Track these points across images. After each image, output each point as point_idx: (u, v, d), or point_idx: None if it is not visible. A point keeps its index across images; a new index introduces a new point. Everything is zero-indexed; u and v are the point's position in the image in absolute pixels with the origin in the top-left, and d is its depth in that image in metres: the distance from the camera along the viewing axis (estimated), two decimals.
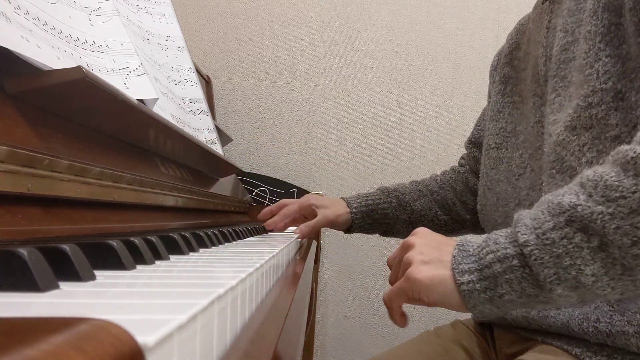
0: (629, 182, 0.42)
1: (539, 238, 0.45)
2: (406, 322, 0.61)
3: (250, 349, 0.25)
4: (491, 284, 0.47)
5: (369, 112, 1.67)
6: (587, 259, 0.43)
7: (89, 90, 0.44)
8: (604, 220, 0.42)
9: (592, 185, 0.44)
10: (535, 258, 0.44)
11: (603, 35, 0.59)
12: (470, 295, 0.48)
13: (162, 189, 0.63)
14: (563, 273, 0.44)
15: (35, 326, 0.15)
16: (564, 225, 0.44)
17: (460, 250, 0.51)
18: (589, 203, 0.43)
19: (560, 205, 0.45)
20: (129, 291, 0.26)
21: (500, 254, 0.47)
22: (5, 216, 0.35)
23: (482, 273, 0.48)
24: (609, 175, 0.43)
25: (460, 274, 0.49)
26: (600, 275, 0.43)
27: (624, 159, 0.43)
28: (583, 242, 0.43)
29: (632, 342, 0.55)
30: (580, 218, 0.43)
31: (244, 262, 0.39)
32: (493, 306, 0.48)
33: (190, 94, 0.97)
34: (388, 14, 1.68)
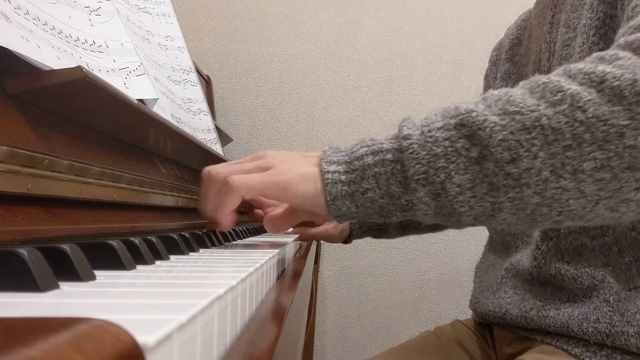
0: (531, 102, 0.40)
1: (423, 134, 0.43)
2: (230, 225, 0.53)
3: (250, 349, 0.25)
4: (357, 177, 0.44)
5: (369, 112, 1.67)
6: (461, 167, 0.41)
7: (89, 90, 0.44)
8: (492, 130, 0.40)
9: (494, 99, 0.42)
10: (412, 152, 0.42)
11: (597, 29, 0.58)
12: (333, 185, 0.45)
13: (162, 189, 0.63)
14: (432, 173, 0.42)
15: (35, 326, 0.15)
16: (452, 127, 0.42)
17: (331, 148, 0.49)
18: (485, 111, 0.41)
19: (456, 109, 0.43)
20: (129, 291, 0.26)
21: (375, 147, 0.45)
22: (5, 216, 0.35)
23: (351, 165, 0.45)
24: (514, 92, 0.42)
25: (327, 163, 0.46)
26: (465, 189, 0.41)
27: (534, 83, 0.42)
28: (463, 150, 0.41)
29: (631, 343, 0.55)
30: (471, 124, 0.41)
31: (244, 262, 0.39)
32: (352, 203, 0.45)
33: (190, 94, 0.97)
34: (388, 14, 1.68)
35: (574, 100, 0.39)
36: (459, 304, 1.66)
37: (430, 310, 1.67)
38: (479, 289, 0.76)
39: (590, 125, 0.39)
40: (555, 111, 0.39)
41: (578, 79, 0.40)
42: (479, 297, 0.75)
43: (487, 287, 0.74)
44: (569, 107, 0.39)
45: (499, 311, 0.68)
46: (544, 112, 0.40)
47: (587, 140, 0.39)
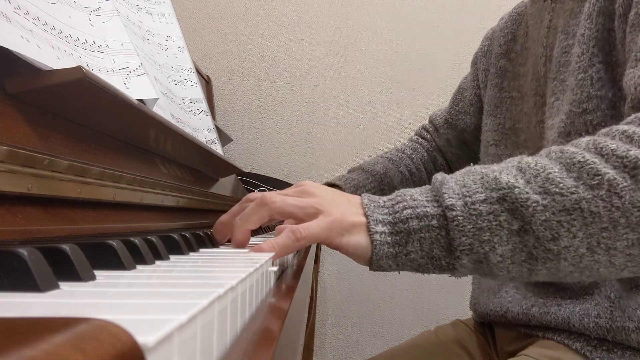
0: (570, 182, 0.42)
1: (466, 206, 0.44)
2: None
3: (250, 348, 0.25)
4: (402, 239, 0.46)
5: (369, 112, 1.67)
6: (503, 239, 0.43)
7: (89, 90, 0.44)
8: (535, 210, 0.42)
9: (532, 174, 0.44)
10: (457, 224, 0.44)
11: (597, 40, 0.58)
12: (380, 247, 0.46)
13: (162, 189, 0.63)
14: (477, 245, 0.44)
15: (35, 326, 0.15)
16: (495, 201, 0.44)
17: (370, 200, 0.49)
18: (526, 189, 0.43)
19: (496, 181, 0.44)
20: (129, 291, 0.26)
21: (419, 211, 0.46)
22: (5, 216, 0.35)
23: (396, 227, 0.46)
24: (552, 169, 0.44)
25: (374, 223, 0.46)
26: (506, 257, 0.44)
27: (570, 160, 0.44)
28: (506, 223, 0.43)
29: (632, 338, 0.55)
30: (514, 200, 0.43)
31: (244, 262, 0.39)
32: (394, 263, 0.47)
33: (190, 94, 0.97)
34: (388, 14, 1.68)
35: (610, 186, 0.41)
36: (459, 304, 1.66)
37: (430, 310, 1.67)
38: (479, 290, 0.76)
39: (626, 211, 0.41)
40: (594, 195, 0.42)
41: (611, 162, 0.42)
42: (479, 297, 0.75)
43: (487, 288, 0.74)
44: (607, 192, 0.41)
45: (500, 310, 0.68)
46: (583, 195, 0.42)
47: (622, 224, 0.42)
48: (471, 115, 0.92)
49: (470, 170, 0.47)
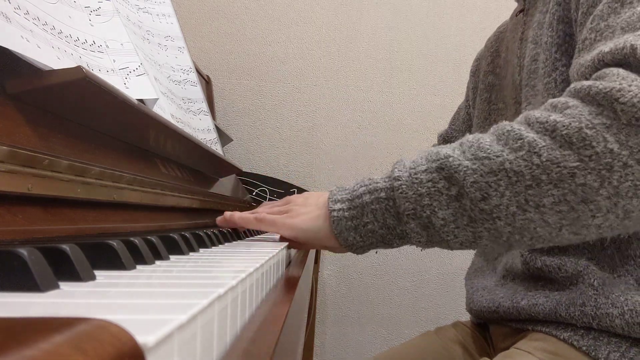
0: (497, 148, 0.48)
1: (410, 176, 0.51)
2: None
3: (250, 348, 0.25)
4: (358, 212, 0.53)
5: (369, 112, 1.67)
6: (443, 204, 0.49)
7: (89, 90, 0.44)
8: (466, 174, 0.48)
9: (468, 145, 0.50)
10: (402, 192, 0.50)
11: (559, 46, 0.63)
12: (338, 222, 0.54)
13: (162, 189, 0.63)
14: (419, 210, 0.50)
15: (35, 326, 0.15)
16: (434, 170, 0.50)
17: (338, 187, 0.58)
18: (460, 157, 0.49)
19: (437, 154, 0.50)
20: (129, 291, 0.26)
21: (371, 187, 0.53)
22: (5, 216, 0.35)
23: (352, 203, 0.54)
24: (484, 139, 0.49)
25: (333, 202, 0.55)
26: (449, 221, 0.49)
27: (501, 131, 0.49)
28: (444, 189, 0.49)
29: (616, 324, 0.56)
30: (449, 167, 0.49)
31: (244, 262, 0.39)
32: (357, 234, 0.54)
33: (190, 94, 0.97)
34: (388, 14, 1.68)
35: (531, 146, 0.46)
36: (459, 304, 1.66)
37: (430, 310, 1.67)
38: (472, 290, 0.78)
39: (546, 168, 0.45)
40: (516, 156, 0.47)
41: (535, 128, 0.47)
42: (473, 296, 0.76)
43: (480, 287, 0.75)
44: (527, 152, 0.46)
45: (492, 305, 0.70)
46: (507, 157, 0.47)
47: (544, 180, 0.46)
48: (463, 133, 0.99)
49: (423, 150, 0.53)
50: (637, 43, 0.46)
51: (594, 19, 0.53)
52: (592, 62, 0.50)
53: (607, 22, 0.52)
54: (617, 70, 0.46)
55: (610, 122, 0.44)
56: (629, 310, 0.56)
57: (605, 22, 0.52)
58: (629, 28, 0.49)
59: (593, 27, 0.53)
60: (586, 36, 0.54)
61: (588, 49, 0.53)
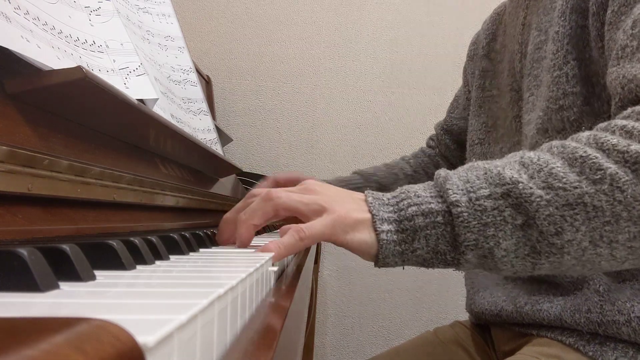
0: (573, 177, 0.43)
1: (471, 202, 0.44)
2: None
3: (251, 348, 0.25)
4: (409, 237, 0.46)
5: (369, 112, 1.67)
6: (507, 234, 0.44)
7: (89, 90, 0.44)
8: (539, 205, 0.43)
9: (535, 169, 0.44)
10: (463, 220, 0.44)
11: (570, 38, 0.60)
12: (387, 246, 0.46)
13: (163, 189, 0.63)
14: (482, 241, 0.44)
15: (35, 326, 0.15)
16: (499, 196, 0.44)
17: (375, 198, 0.48)
18: (530, 184, 0.43)
19: (500, 177, 0.44)
20: (129, 291, 0.26)
21: (424, 208, 0.46)
22: (5, 216, 0.35)
23: (401, 225, 0.46)
24: (554, 164, 0.44)
25: (380, 221, 0.46)
26: (510, 252, 0.44)
27: (572, 155, 0.44)
28: (510, 218, 0.44)
29: (623, 331, 0.55)
30: (518, 195, 0.43)
31: (244, 262, 0.39)
32: (400, 259, 0.47)
33: (190, 94, 0.97)
34: (388, 14, 1.68)
35: (613, 180, 0.42)
36: (460, 304, 1.66)
37: (431, 310, 1.67)
38: (473, 291, 0.77)
39: (628, 205, 0.42)
40: (597, 189, 0.42)
41: (613, 157, 0.43)
42: (474, 297, 0.75)
43: (482, 287, 0.74)
44: (609, 186, 0.42)
45: (494, 309, 0.69)
46: (586, 189, 0.42)
47: (624, 218, 0.42)
48: (465, 120, 0.95)
49: (473, 166, 0.47)
50: None
51: (636, 24, 0.49)
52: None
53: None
54: None
55: None
56: (635, 317, 0.55)
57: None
58: None
59: (635, 33, 0.49)
60: (627, 43, 0.50)
61: (630, 59, 0.49)
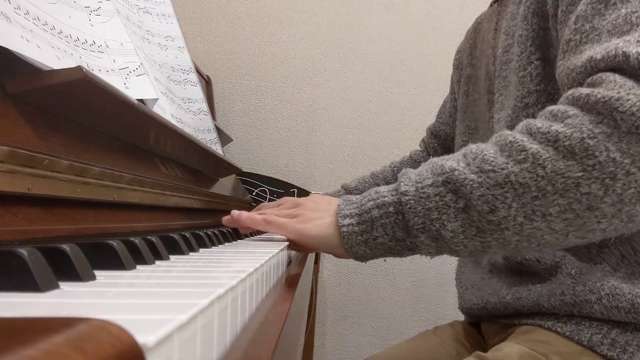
0: (501, 160, 0.48)
1: (417, 191, 0.51)
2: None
3: (250, 349, 0.25)
4: (368, 227, 0.54)
5: (369, 112, 1.67)
6: (451, 216, 0.49)
7: (89, 90, 0.44)
8: (472, 187, 0.48)
9: (472, 157, 0.50)
10: (410, 207, 0.51)
11: (533, 39, 0.64)
12: (348, 237, 0.54)
13: (162, 189, 0.63)
14: (429, 224, 0.50)
15: (35, 326, 0.15)
16: (440, 184, 0.50)
17: (345, 201, 0.57)
18: (465, 170, 0.49)
19: (442, 167, 0.51)
20: (129, 291, 0.26)
21: (379, 201, 0.53)
22: (5, 216, 0.35)
23: (361, 217, 0.54)
24: (488, 151, 0.49)
25: (342, 217, 0.55)
26: (458, 233, 0.50)
27: (504, 141, 0.49)
28: (451, 202, 0.49)
29: (595, 309, 0.58)
30: (455, 181, 0.49)
31: (244, 262, 0.39)
32: (367, 248, 0.54)
33: (190, 94, 0.97)
34: (388, 14, 1.68)
35: (535, 158, 0.47)
36: None
37: (430, 310, 1.67)
38: (462, 289, 0.80)
39: (551, 179, 0.46)
40: (521, 168, 0.47)
41: (537, 138, 0.47)
42: (464, 295, 0.78)
43: (469, 285, 0.77)
44: (532, 164, 0.47)
45: (480, 302, 0.72)
46: (512, 169, 0.47)
47: (549, 191, 0.46)
48: (450, 126, 1.00)
49: (428, 162, 0.53)
50: (628, 50, 0.46)
51: (578, 20, 0.53)
52: (584, 68, 0.50)
53: (592, 23, 0.52)
54: (614, 77, 0.46)
55: (611, 131, 0.44)
56: (605, 295, 0.58)
57: (590, 23, 0.52)
58: (616, 31, 0.49)
59: (577, 28, 0.53)
60: (570, 37, 0.54)
61: (574, 51, 0.53)
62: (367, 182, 1.05)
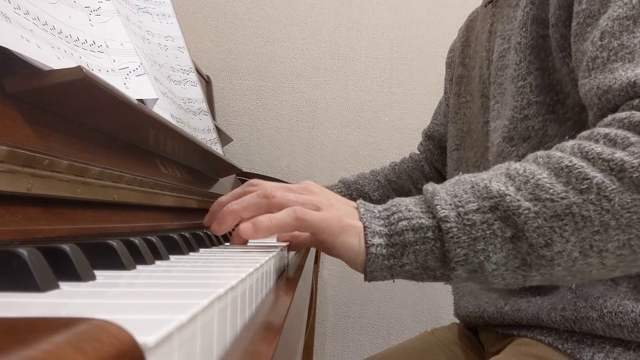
0: (560, 188, 0.43)
1: (459, 217, 0.44)
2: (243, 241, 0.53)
3: (250, 348, 0.25)
4: (398, 252, 0.45)
5: (369, 112, 1.67)
6: (497, 247, 0.43)
7: (89, 90, 0.44)
8: (527, 217, 0.42)
9: (522, 180, 0.44)
10: (452, 235, 0.43)
11: (532, 48, 0.61)
12: (375, 259, 0.45)
13: (162, 189, 0.63)
14: (472, 256, 0.44)
15: (35, 326, 0.15)
16: (487, 210, 0.43)
17: (366, 210, 0.48)
18: (517, 196, 0.43)
19: (487, 190, 0.44)
20: (129, 291, 0.26)
21: (414, 223, 0.45)
22: (5, 216, 0.35)
23: (391, 239, 0.45)
24: (541, 175, 0.44)
25: (372, 234, 0.46)
26: (500, 265, 0.44)
27: (558, 165, 0.44)
28: (499, 231, 0.43)
29: (597, 327, 0.56)
30: (506, 208, 0.43)
31: (244, 262, 0.39)
32: (389, 274, 0.46)
33: (190, 94, 0.97)
34: (388, 13, 1.68)
35: (600, 189, 0.42)
36: None
37: (430, 310, 1.67)
38: (458, 296, 0.78)
39: (616, 213, 0.41)
40: (584, 199, 0.42)
41: (598, 165, 0.42)
42: (460, 302, 0.76)
43: (466, 292, 0.76)
44: (596, 196, 0.42)
45: (477, 311, 0.70)
46: (573, 200, 0.42)
47: (612, 226, 0.42)
48: (444, 127, 0.98)
49: (460, 180, 0.47)
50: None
51: (604, 36, 0.50)
52: (624, 90, 0.46)
53: (621, 40, 0.49)
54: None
55: None
56: (608, 312, 0.55)
57: (618, 40, 0.49)
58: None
59: (604, 45, 0.50)
60: (597, 55, 0.50)
61: (601, 69, 0.49)
62: (367, 177, 1.03)
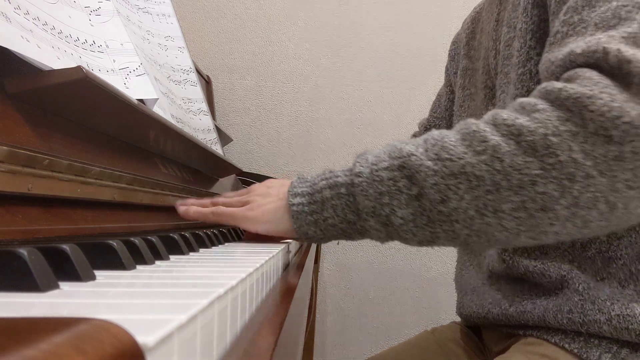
0: (460, 149, 0.46)
1: (371, 173, 0.49)
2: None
3: (250, 348, 0.25)
4: (318, 207, 0.52)
5: (368, 112, 1.67)
6: (402, 203, 0.48)
7: (89, 90, 0.44)
8: (427, 174, 0.46)
9: (432, 143, 0.48)
10: (362, 189, 0.49)
11: (533, 33, 0.60)
12: (298, 215, 0.53)
13: (162, 189, 0.63)
14: (379, 208, 0.49)
15: (35, 326, 0.15)
16: (396, 168, 0.48)
17: (299, 179, 0.56)
18: (422, 156, 0.47)
19: (400, 151, 0.49)
20: (129, 291, 0.26)
21: (332, 181, 0.52)
22: (5, 216, 0.35)
23: (313, 197, 0.53)
24: (450, 138, 0.47)
25: (293, 196, 0.54)
26: (408, 221, 0.48)
27: (467, 130, 0.47)
28: (404, 188, 0.48)
29: (604, 329, 0.56)
30: (410, 166, 0.47)
31: (244, 262, 0.39)
32: (317, 228, 0.53)
33: (190, 94, 0.97)
34: (388, 13, 1.68)
35: (494, 151, 0.45)
36: None
37: (431, 309, 1.67)
38: (462, 294, 0.78)
39: (507, 174, 0.44)
40: (478, 160, 0.45)
41: (501, 130, 0.45)
42: (463, 300, 0.76)
43: (469, 290, 0.75)
44: (489, 157, 0.45)
45: (482, 311, 0.69)
46: (469, 160, 0.45)
47: (504, 187, 0.44)
48: (446, 120, 0.96)
49: (389, 143, 0.51)
50: (609, 46, 0.44)
51: (568, 11, 0.51)
52: (563, 62, 0.48)
53: (581, 15, 0.49)
54: (590, 73, 0.44)
55: (577, 130, 0.42)
56: (615, 315, 0.55)
57: (579, 15, 0.50)
58: (602, 25, 0.47)
59: (566, 19, 0.51)
60: (558, 29, 0.51)
61: (559, 44, 0.50)
62: None
